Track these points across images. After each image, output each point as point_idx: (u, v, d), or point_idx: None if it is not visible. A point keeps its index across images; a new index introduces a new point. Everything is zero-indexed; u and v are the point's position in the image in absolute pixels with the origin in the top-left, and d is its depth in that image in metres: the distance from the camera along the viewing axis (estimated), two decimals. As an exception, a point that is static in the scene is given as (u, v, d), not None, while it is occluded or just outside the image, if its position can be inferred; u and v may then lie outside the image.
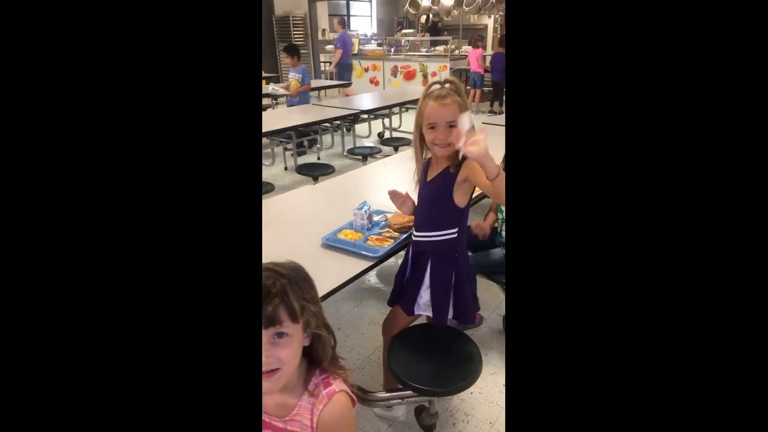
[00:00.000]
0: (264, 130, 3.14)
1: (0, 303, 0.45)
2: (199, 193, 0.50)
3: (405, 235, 1.47)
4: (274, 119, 3.62)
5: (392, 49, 8.26)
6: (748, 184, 0.45)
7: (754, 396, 0.45)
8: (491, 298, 2.16)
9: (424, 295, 1.36)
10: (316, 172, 3.03)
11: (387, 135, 5.02)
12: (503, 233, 1.81)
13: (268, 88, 4.77)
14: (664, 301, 0.47)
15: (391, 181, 1.40)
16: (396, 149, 3.78)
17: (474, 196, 1.34)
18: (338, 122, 4.25)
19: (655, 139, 0.47)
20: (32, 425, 0.45)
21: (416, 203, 1.41)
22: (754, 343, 0.45)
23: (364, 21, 11.19)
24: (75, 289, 0.47)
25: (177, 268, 0.49)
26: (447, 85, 1.24)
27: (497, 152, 1.54)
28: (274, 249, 0.69)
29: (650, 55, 0.47)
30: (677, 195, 0.47)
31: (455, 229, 1.31)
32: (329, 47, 8.05)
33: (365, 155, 3.56)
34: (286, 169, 4.26)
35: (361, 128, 5.21)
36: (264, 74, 6.19)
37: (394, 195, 1.42)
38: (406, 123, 5.27)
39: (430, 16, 9.40)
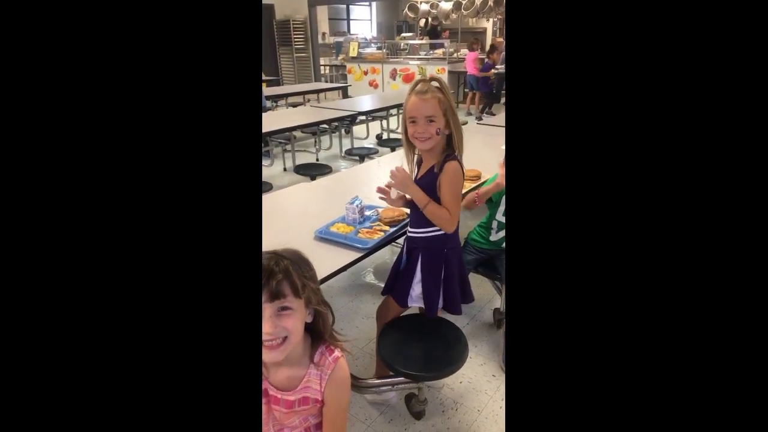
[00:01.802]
0: (263, 131, 3.21)
1: (0, 303, 0.46)
2: (203, 190, 0.52)
3: (395, 228, 1.53)
4: (273, 120, 3.68)
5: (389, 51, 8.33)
6: (747, 183, 0.45)
7: (753, 396, 0.45)
8: (484, 293, 2.22)
9: (416, 288, 1.41)
10: (313, 172, 3.09)
11: (385, 136, 5.08)
12: (491, 237, 1.80)
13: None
14: (663, 301, 0.47)
15: (384, 178, 1.45)
16: (393, 150, 3.83)
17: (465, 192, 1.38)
18: (336, 124, 4.31)
19: (654, 139, 0.47)
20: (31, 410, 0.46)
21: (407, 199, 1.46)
22: (753, 342, 0.45)
23: (364, 24, 11.28)
24: (85, 277, 0.48)
25: (187, 254, 0.51)
26: (432, 83, 1.29)
27: (488, 151, 1.60)
28: (269, 241, 0.74)
29: (649, 56, 0.47)
30: (676, 195, 0.47)
31: None
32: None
33: (362, 156, 3.61)
34: (285, 169, 4.32)
35: (359, 130, 5.28)
36: (264, 77, 6.27)
37: (381, 192, 1.44)
38: (404, 125, 5.32)
39: (429, 19, 9.48)
